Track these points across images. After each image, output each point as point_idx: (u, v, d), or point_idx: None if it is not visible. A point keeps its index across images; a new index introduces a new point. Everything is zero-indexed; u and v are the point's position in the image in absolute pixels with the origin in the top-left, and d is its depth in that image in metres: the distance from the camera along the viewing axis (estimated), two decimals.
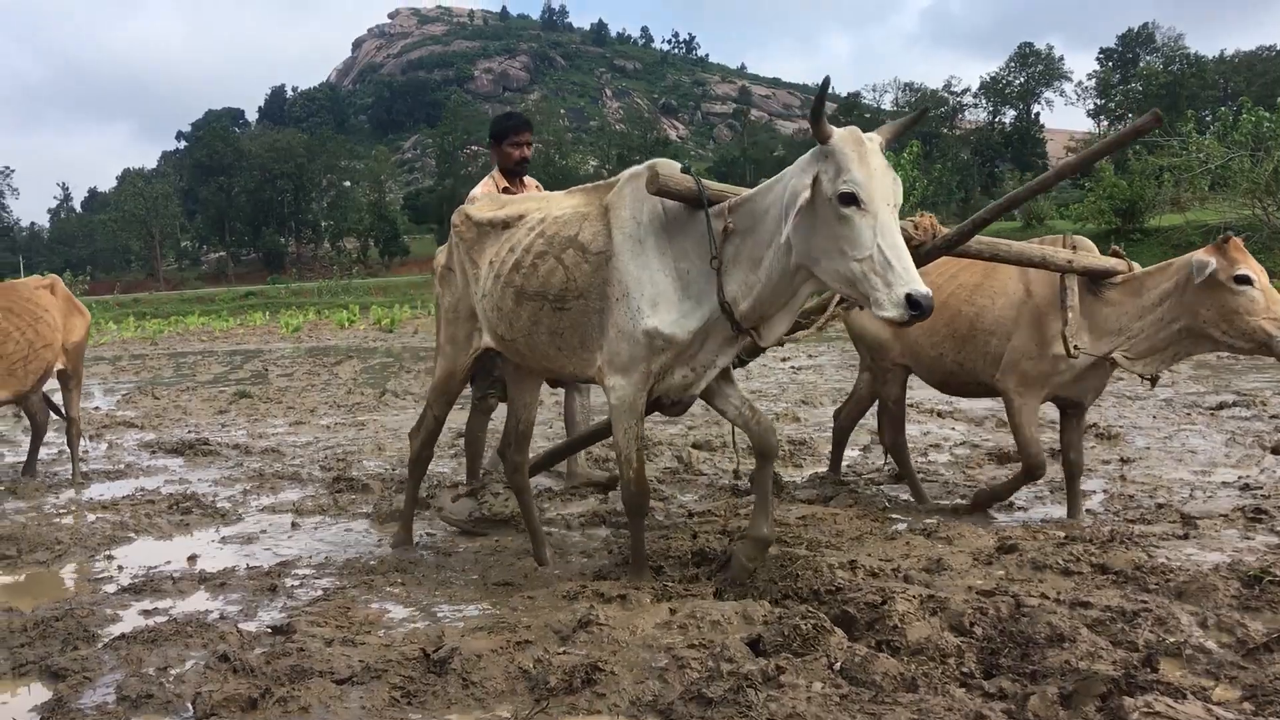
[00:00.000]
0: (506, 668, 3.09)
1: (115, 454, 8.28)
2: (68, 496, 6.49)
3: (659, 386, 3.83)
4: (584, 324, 3.88)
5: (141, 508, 5.92)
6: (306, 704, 2.90)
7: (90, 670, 3.28)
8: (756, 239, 3.52)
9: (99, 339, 31.24)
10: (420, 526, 5.38)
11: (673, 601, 3.67)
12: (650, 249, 3.73)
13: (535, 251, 4.02)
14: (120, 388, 14.97)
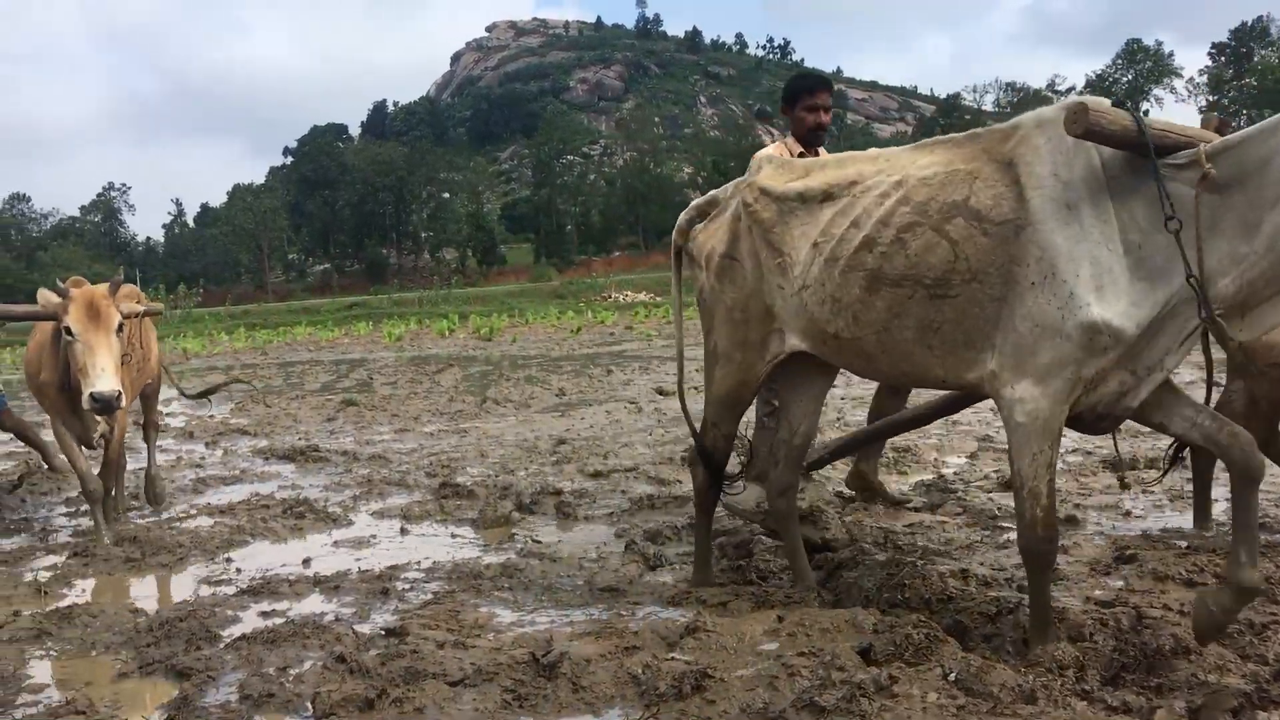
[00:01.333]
0: (615, 673, 3.11)
1: (230, 460, 8.55)
2: (187, 502, 6.72)
3: (1087, 397, 3.02)
4: (973, 315, 3.07)
5: (257, 512, 6.10)
6: (421, 705, 2.95)
7: (213, 669, 3.39)
8: (1251, 197, 2.77)
9: (213, 349, 32.29)
10: (521, 531, 5.44)
11: (779, 609, 3.64)
12: (1086, 215, 2.92)
13: (898, 224, 3.20)
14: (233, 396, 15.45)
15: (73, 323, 4.98)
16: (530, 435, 9.22)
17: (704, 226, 4.00)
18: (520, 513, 5.91)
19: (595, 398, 12.35)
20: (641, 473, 6.90)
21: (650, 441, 8.49)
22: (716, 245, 3.83)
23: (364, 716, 2.93)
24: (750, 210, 3.68)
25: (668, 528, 5.19)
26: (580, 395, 12.77)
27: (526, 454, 8.08)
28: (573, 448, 8.24)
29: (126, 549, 5.27)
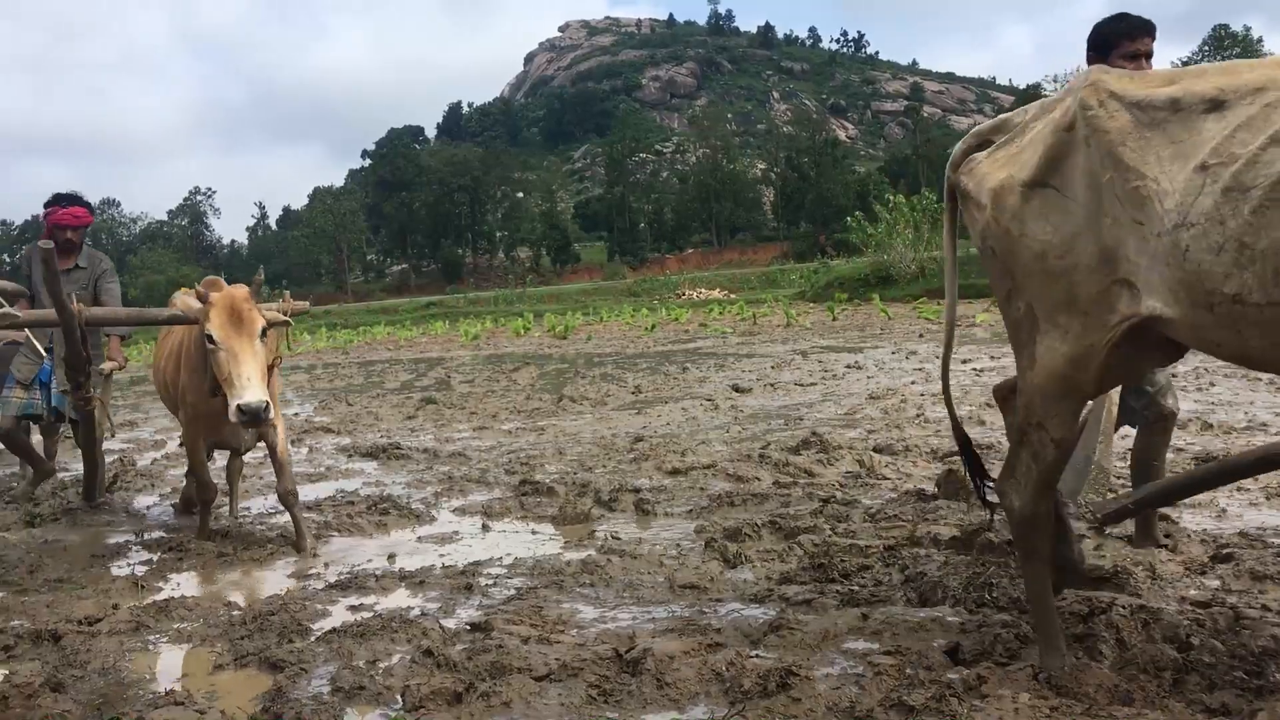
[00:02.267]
0: (699, 669, 3.11)
1: (316, 457, 8.72)
2: (275, 499, 6.86)
3: None
4: None
5: (343, 509, 6.22)
6: (508, 699, 2.98)
7: (305, 662, 3.46)
8: None
9: (296, 349, 32.96)
10: (601, 528, 5.46)
11: (863, 607, 3.61)
12: None
13: None
14: (316, 395, 15.76)
15: (215, 330, 4.69)
16: (607, 433, 9.26)
17: (989, 154, 3.10)
18: (599, 510, 5.94)
19: (671, 395, 12.36)
20: (719, 470, 6.89)
21: (727, 439, 8.47)
22: (1017, 173, 2.92)
23: (452, 709, 2.97)
24: (1091, 118, 2.74)
25: (747, 525, 5.17)
26: (656, 393, 12.79)
27: (604, 451, 8.12)
28: (650, 445, 8.25)
29: (219, 544, 5.41)
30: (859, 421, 9.02)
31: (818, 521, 5.13)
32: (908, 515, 5.17)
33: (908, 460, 6.96)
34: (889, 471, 6.60)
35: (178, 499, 6.77)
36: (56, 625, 4.04)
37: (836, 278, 40.19)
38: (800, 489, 6.13)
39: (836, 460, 6.95)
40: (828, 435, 7.71)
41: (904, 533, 4.78)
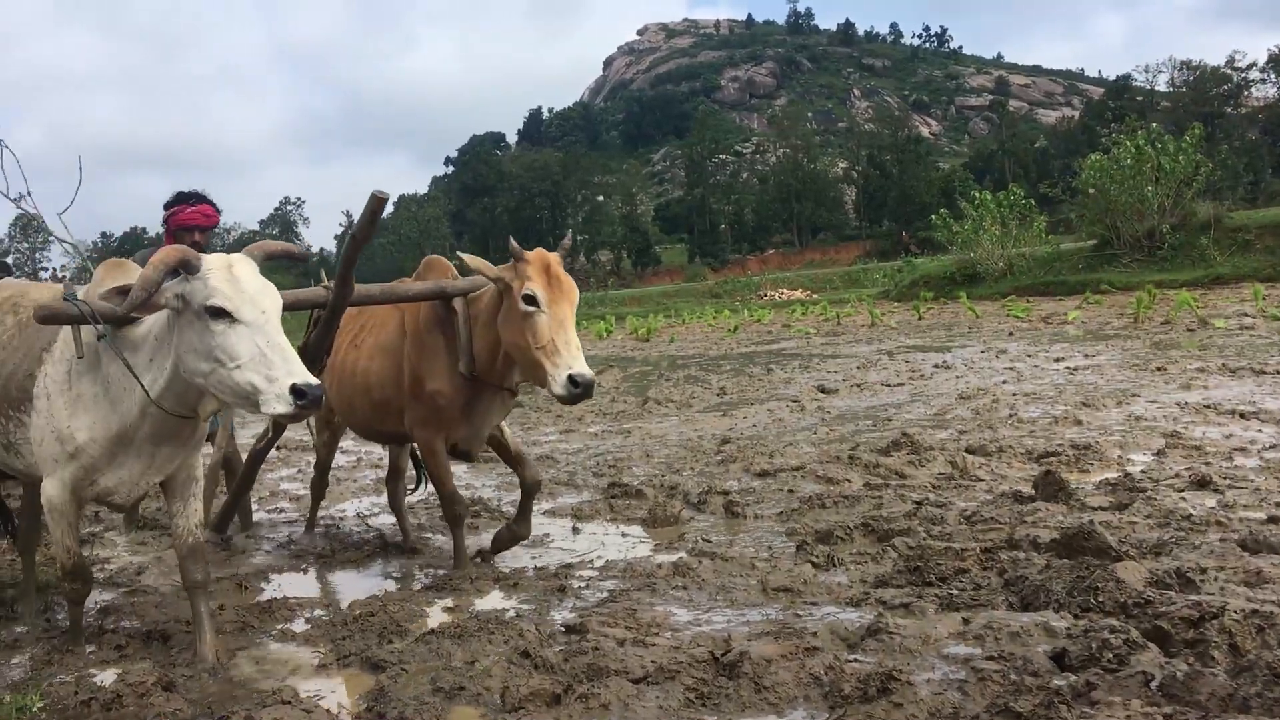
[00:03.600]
0: (797, 673, 3.08)
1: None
2: (369, 501, 6.99)
3: None
4: None
5: (435, 511, 6.30)
6: (606, 701, 2.99)
7: (405, 662, 3.51)
8: None
9: None
10: (691, 530, 5.45)
11: (964, 611, 3.54)
12: None
13: None
14: None
15: (539, 289, 4.24)
16: (693, 435, 9.25)
17: None
18: (689, 512, 5.94)
19: (756, 396, 12.30)
20: (809, 472, 6.83)
21: (815, 440, 8.40)
22: None
23: (551, 711, 2.99)
24: None
25: (839, 527, 5.11)
26: (741, 394, 12.74)
27: (691, 453, 8.11)
28: (737, 447, 8.22)
29: (319, 545, 5.53)
30: (949, 422, 8.87)
31: (911, 524, 5.05)
32: (1005, 517, 5.07)
33: (1002, 461, 6.83)
34: (983, 473, 6.48)
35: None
36: (165, 625, 4.17)
37: (921, 276, 39.58)
38: (892, 491, 6.05)
39: (928, 461, 6.85)
40: (918, 436, 7.59)
41: (1001, 535, 4.68)
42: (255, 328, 3.18)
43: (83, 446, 3.53)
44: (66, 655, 3.91)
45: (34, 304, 3.76)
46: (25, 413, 3.71)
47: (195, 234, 5.77)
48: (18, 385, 3.74)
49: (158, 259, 3.23)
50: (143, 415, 3.49)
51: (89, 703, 3.25)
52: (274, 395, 3.08)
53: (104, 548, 5.94)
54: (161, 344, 3.42)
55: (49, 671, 3.74)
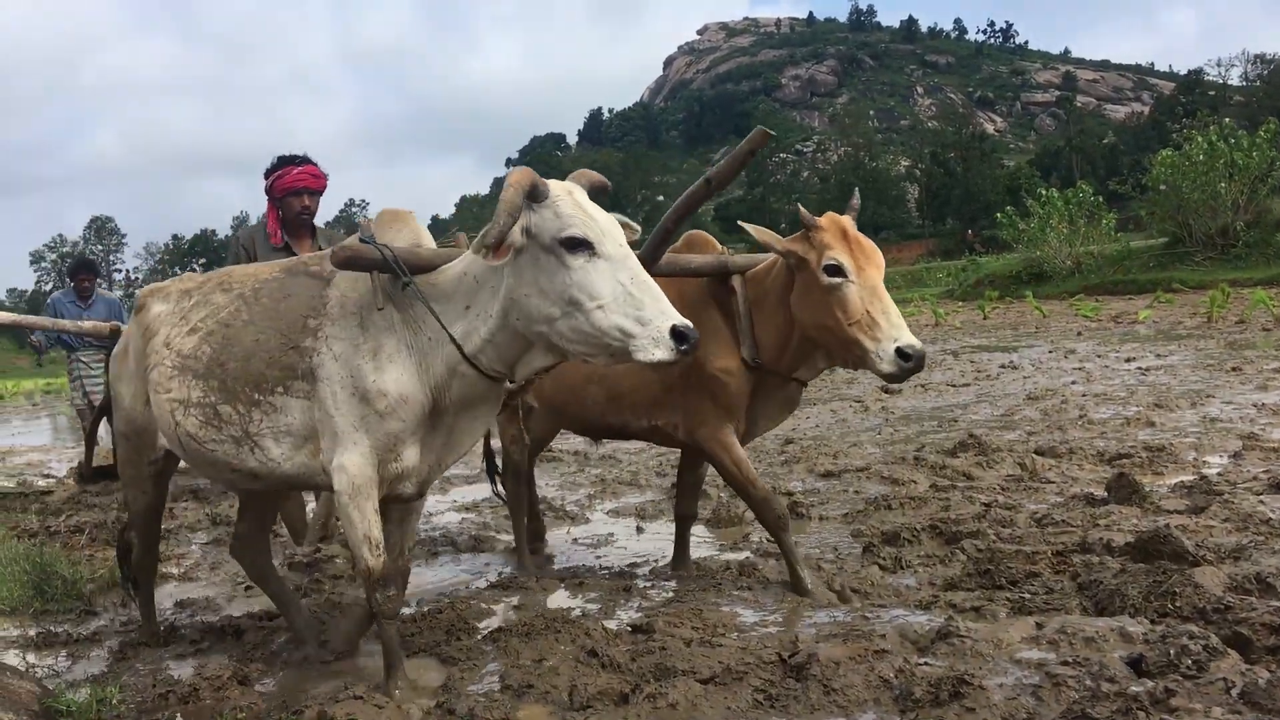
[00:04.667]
0: (866, 676, 3.05)
1: (472, 460, 8.92)
2: (435, 499, 7.07)
3: None
4: None
5: (500, 510, 6.35)
6: (674, 701, 2.99)
7: (475, 659, 3.55)
8: None
9: None
10: (756, 531, 5.43)
11: (1037, 615, 3.49)
12: None
13: None
14: None
15: (842, 257, 3.76)
16: None
17: None
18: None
19: (819, 396, 12.22)
20: (874, 473, 6.77)
21: (880, 441, 8.33)
22: None
23: (619, 710, 2.99)
24: None
25: (906, 529, 5.06)
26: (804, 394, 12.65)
27: (754, 453, 8.07)
28: (800, 447, 8.18)
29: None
30: (1018, 423, 8.74)
31: (980, 526, 4.98)
32: (1077, 520, 4.98)
33: (1073, 463, 6.71)
34: (1053, 475, 6.37)
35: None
36: (240, 621, 4.25)
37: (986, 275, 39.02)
38: (959, 492, 5.97)
39: (996, 463, 6.75)
40: (985, 437, 7.49)
41: (1074, 538, 4.59)
42: (617, 262, 2.77)
43: (394, 405, 3.07)
44: (143, 649, 4.00)
45: (246, 276, 3.52)
46: (286, 393, 3.22)
47: (304, 197, 5.25)
48: (269, 362, 3.25)
49: (514, 180, 2.79)
50: (451, 375, 3.06)
51: (166, 696, 3.32)
52: (649, 339, 2.68)
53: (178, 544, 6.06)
54: (482, 288, 2.99)
55: (126, 665, 3.83)
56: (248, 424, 3.28)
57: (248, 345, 3.31)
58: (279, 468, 3.30)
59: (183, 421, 3.42)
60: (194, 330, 3.46)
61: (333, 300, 3.22)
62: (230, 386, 3.31)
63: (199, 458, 3.46)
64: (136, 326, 3.75)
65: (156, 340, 3.58)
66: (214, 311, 3.47)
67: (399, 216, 3.42)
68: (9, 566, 4.99)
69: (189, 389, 3.39)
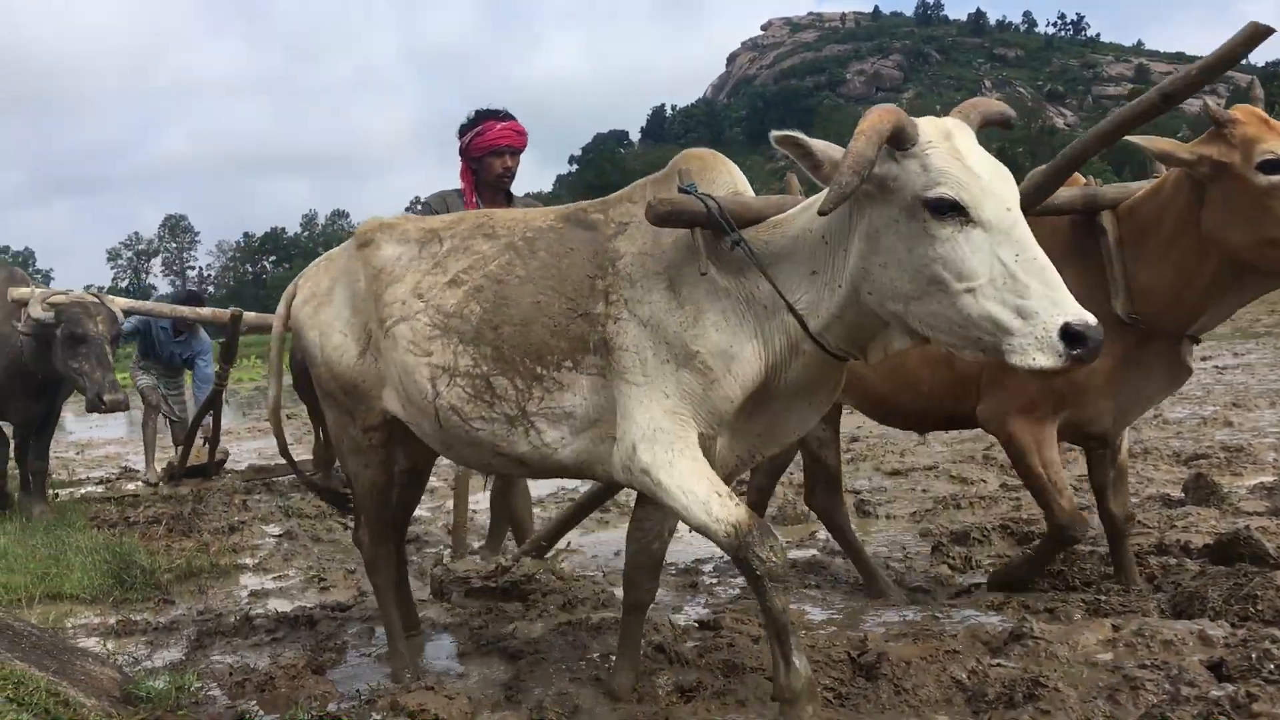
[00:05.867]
0: (938, 677, 3.02)
1: None
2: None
3: None
4: None
5: (565, 505, 6.37)
6: (743, 698, 2.98)
7: (541, 652, 3.57)
8: None
9: None
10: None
11: (1113, 617, 3.42)
12: None
13: None
14: None
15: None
16: None
17: None
18: None
19: None
20: (941, 471, 6.70)
21: (947, 439, 8.22)
22: None
23: (688, 705, 2.99)
24: None
25: (975, 529, 4.99)
26: None
27: None
28: (866, 445, 8.11)
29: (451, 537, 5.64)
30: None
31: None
32: (1153, 521, 4.88)
33: (1148, 463, 6.57)
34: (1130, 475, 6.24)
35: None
36: (312, 611, 4.32)
37: None
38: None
39: (1068, 463, 6.62)
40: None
41: (1150, 540, 4.50)
42: (999, 233, 2.17)
43: (722, 372, 2.55)
44: (219, 638, 4.08)
45: (513, 222, 3.01)
46: (576, 369, 2.75)
47: (506, 157, 4.69)
48: (555, 330, 2.77)
49: (869, 125, 2.19)
50: (792, 353, 2.55)
51: (243, 684, 3.39)
52: (1030, 339, 2.09)
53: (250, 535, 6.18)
54: (832, 250, 2.44)
55: (203, 653, 3.91)
56: (525, 401, 2.81)
57: (526, 308, 2.81)
58: (553, 454, 2.84)
59: (445, 392, 2.92)
60: (455, 282, 2.97)
61: (627, 259, 2.73)
62: (507, 356, 2.83)
63: (458, 437, 2.98)
64: (360, 266, 3.24)
65: (399, 288, 3.08)
66: (479, 262, 2.96)
67: (708, 161, 2.88)
68: (90, 556, 5.14)
69: (455, 354, 2.90)
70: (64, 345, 6.02)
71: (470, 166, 4.72)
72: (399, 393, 3.10)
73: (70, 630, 4.22)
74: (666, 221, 2.57)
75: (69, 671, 3.16)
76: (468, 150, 4.68)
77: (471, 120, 4.70)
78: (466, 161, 4.72)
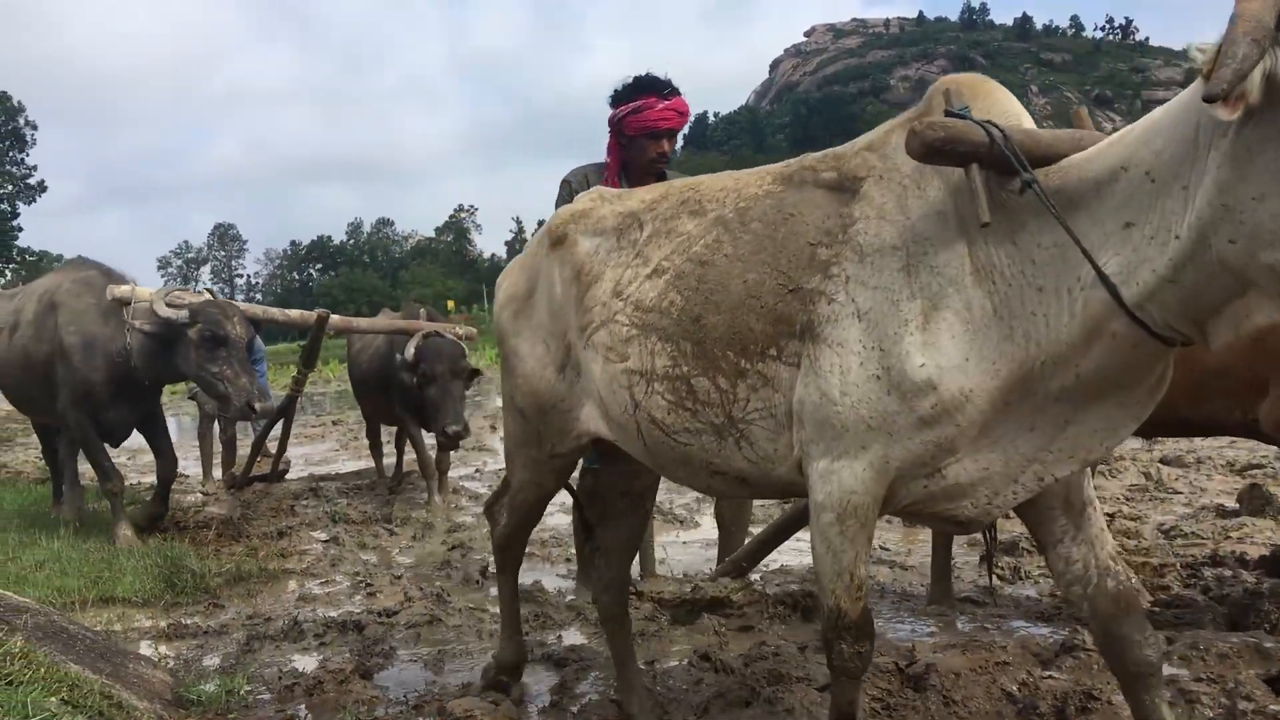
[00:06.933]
0: (988, 689, 2.99)
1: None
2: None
3: None
4: None
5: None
6: (790, 707, 2.97)
7: (586, 660, 3.57)
8: None
9: None
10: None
11: (1167, 630, 3.36)
12: None
13: None
14: None
15: None
16: None
17: None
18: None
19: None
20: None
21: None
22: None
23: (734, 714, 2.98)
24: None
25: (1025, 539, 4.92)
26: None
27: None
28: None
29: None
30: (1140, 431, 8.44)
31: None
32: (1207, 532, 4.80)
33: (1200, 473, 6.46)
34: (1180, 485, 6.15)
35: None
36: (359, 616, 4.35)
37: None
38: None
39: (1119, 473, 6.54)
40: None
41: (1204, 551, 4.43)
42: None
43: (947, 407, 2.01)
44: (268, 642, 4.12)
45: (722, 191, 2.52)
46: (778, 357, 2.22)
47: (664, 141, 4.18)
48: (762, 313, 2.25)
49: (1251, 7, 1.55)
50: (1090, 337, 1.91)
51: (292, 688, 3.42)
52: None
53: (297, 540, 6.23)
54: (1161, 192, 1.79)
55: (253, 657, 3.95)
56: (731, 404, 2.30)
57: (734, 292, 2.31)
58: (773, 470, 2.31)
59: (645, 402, 2.46)
60: (657, 272, 2.50)
61: (861, 222, 2.18)
62: (710, 352, 2.33)
63: (665, 454, 2.51)
64: (555, 268, 2.82)
65: (600, 289, 2.63)
66: (683, 244, 2.49)
67: (980, 85, 2.20)
68: (141, 560, 5.21)
69: (652, 356, 2.43)
70: (200, 347, 5.56)
71: (619, 145, 4.22)
72: (601, 409, 2.66)
73: (122, 633, 4.28)
74: (936, 154, 1.99)
75: (122, 674, 3.21)
76: (620, 126, 4.17)
77: (629, 91, 4.14)
78: (615, 136, 4.22)
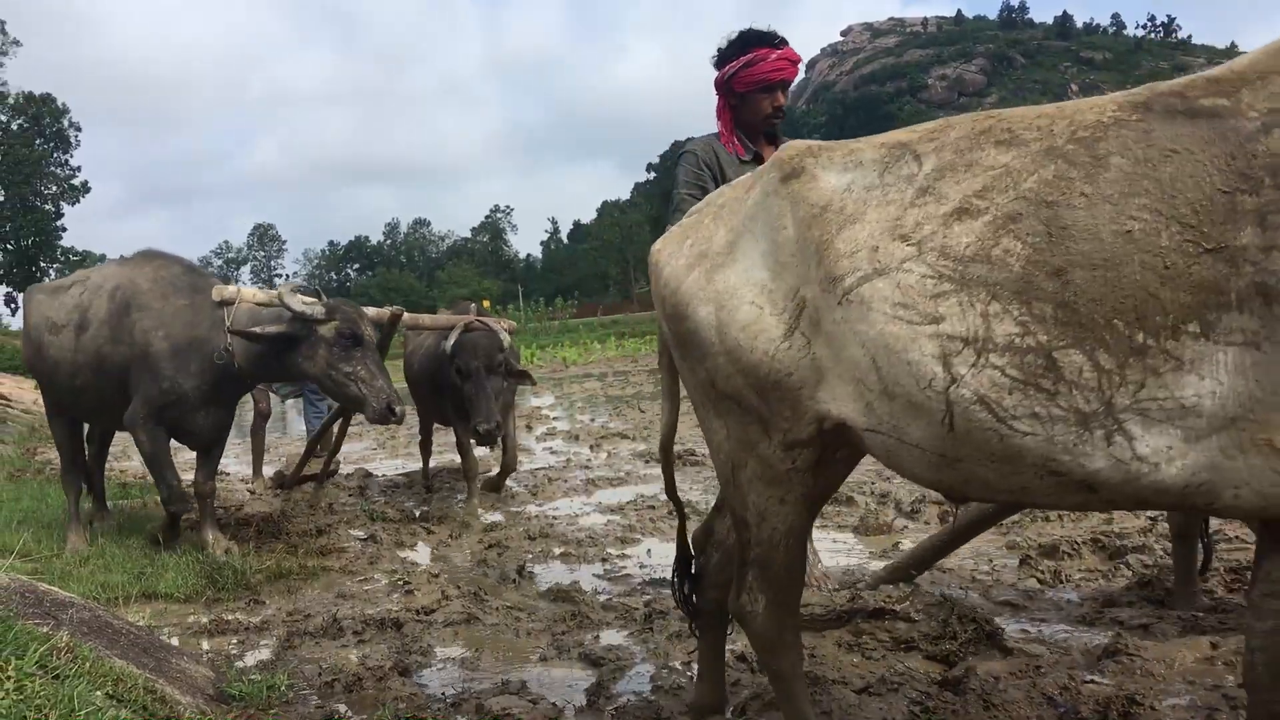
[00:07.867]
0: (1028, 692, 2.96)
1: (614, 463, 9.02)
2: (581, 501, 7.16)
3: None
4: None
5: (644, 512, 6.39)
6: (828, 709, 2.95)
7: (623, 660, 3.57)
8: None
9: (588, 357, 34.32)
10: (905, 539, 5.32)
11: (1210, 635, 3.32)
12: None
13: None
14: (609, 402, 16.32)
15: None
16: None
17: None
18: (901, 520, 5.81)
19: None
20: None
21: None
22: None
23: (771, 714, 2.97)
24: None
25: (1065, 542, 4.88)
26: None
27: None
28: None
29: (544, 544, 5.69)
30: None
31: (1147, 540, 4.77)
32: (1251, 536, 4.72)
33: None
34: None
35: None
36: (398, 614, 4.38)
37: None
38: None
39: None
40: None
41: (1248, 555, 4.36)
42: None
43: None
44: (308, 638, 4.16)
45: (1042, 120, 2.03)
46: (1203, 335, 1.79)
47: (778, 94, 4.04)
48: (1164, 275, 1.82)
49: None
50: None
51: (332, 684, 3.45)
52: None
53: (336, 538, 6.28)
54: None
55: (293, 653, 3.99)
56: (1113, 389, 1.85)
57: (1108, 242, 1.87)
58: (1147, 475, 1.86)
59: (969, 376, 1.98)
60: (967, 212, 2.05)
61: None
62: (1084, 317, 1.88)
63: (980, 445, 2.01)
64: (787, 206, 2.34)
65: (858, 230, 2.19)
66: (1001, 179, 2.04)
67: None
68: (183, 556, 5.28)
69: (986, 318, 1.96)
70: (334, 346, 5.33)
71: (729, 104, 4.06)
72: (863, 384, 2.17)
73: (165, 629, 4.34)
74: None
75: (165, 669, 3.24)
76: (731, 83, 3.99)
77: (735, 46, 3.97)
78: (725, 97, 4.06)
